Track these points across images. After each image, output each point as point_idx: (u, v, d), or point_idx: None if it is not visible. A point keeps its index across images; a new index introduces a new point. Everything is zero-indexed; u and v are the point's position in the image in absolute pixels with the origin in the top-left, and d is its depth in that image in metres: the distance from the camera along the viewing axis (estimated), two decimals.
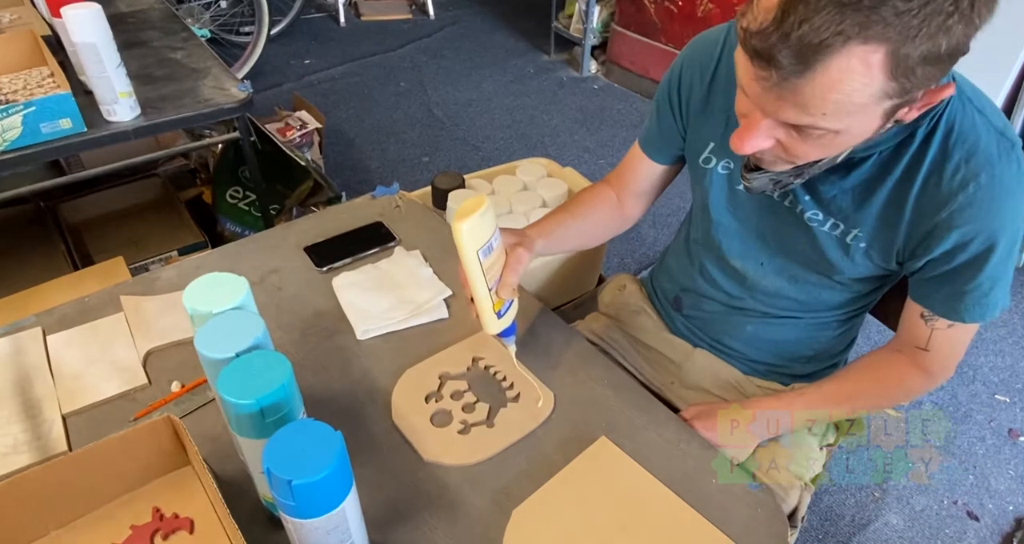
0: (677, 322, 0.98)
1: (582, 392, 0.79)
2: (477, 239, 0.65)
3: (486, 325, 0.70)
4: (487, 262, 0.67)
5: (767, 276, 0.83)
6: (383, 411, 0.76)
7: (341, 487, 0.51)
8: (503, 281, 0.70)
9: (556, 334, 0.87)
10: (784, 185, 0.70)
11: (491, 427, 0.74)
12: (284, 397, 0.53)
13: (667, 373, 0.98)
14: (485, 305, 0.69)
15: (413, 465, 0.71)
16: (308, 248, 0.97)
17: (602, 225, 0.94)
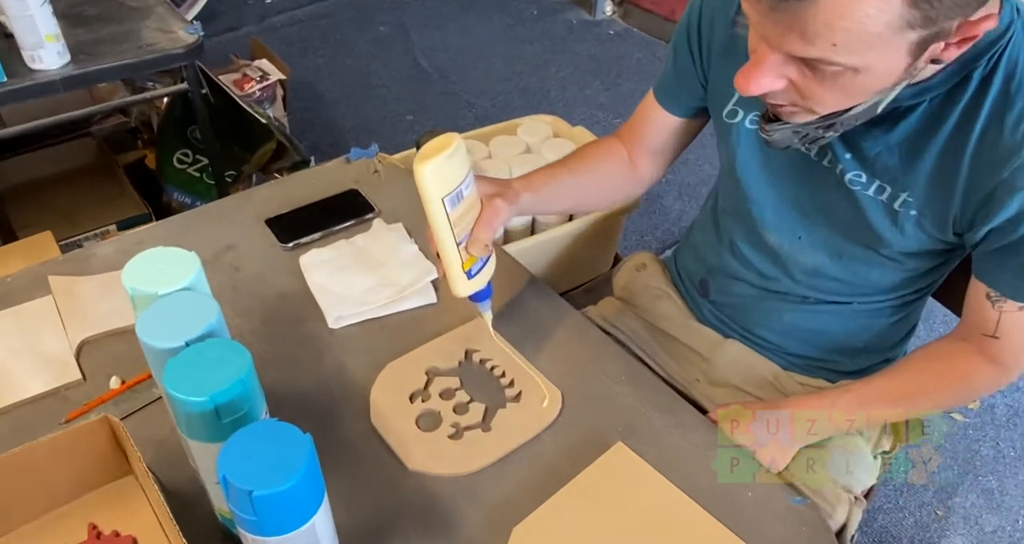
0: (704, 309, 0.98)
1: (594, 390, 0.79)
2: (443, 184, 0.65)
3: (453, 285, 0.71)
4: (456, 212, 0.67)
5: (805, 252, 0.83)
6: (360, 412, 0.76)
7: (311, 500, 0.51)
8: (474, 236, 0.70)
9: (564, 322, 0.87)
10: (813, 139, 0.69)
11: (487, 431, 0.74)
12: (243, 394, 0.53)
13: (693, 368, 0.98)
14: (452, 262, 0.69)
15: (395, 475, 0.71)
16: (271, 221, 0.97)
17: (607, 185, 0.94)
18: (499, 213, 0.73)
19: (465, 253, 0.70)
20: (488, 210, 0.72)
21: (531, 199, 0.82)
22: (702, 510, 0.68)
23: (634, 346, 1.01)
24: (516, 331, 0.85)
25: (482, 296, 0.75)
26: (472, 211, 0.70)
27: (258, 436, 0.50)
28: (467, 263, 0.70)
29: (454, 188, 0.66)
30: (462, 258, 0.69)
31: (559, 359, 0.82)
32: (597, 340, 0.85)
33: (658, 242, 2.00)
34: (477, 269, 0.72)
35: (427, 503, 0.69)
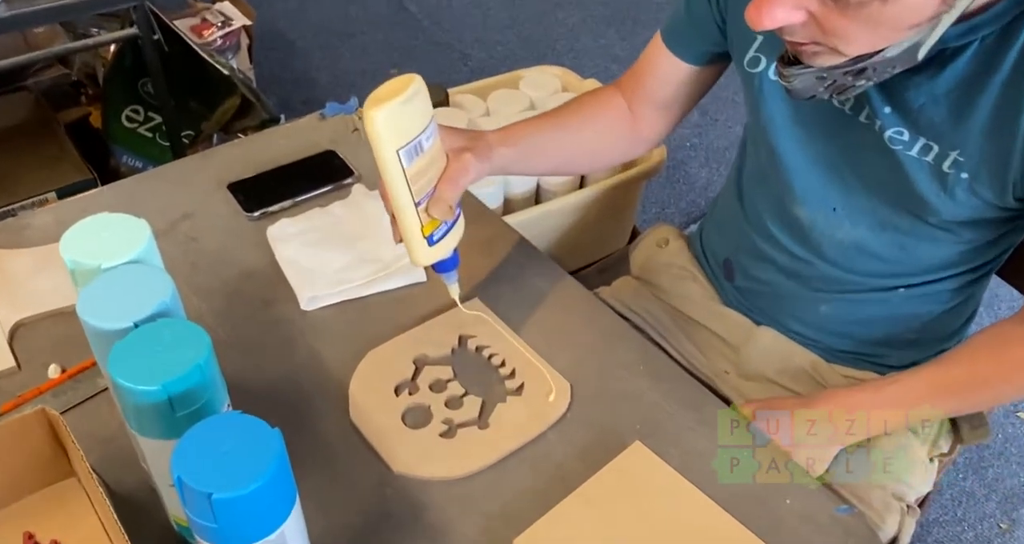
0: (729, 295, 0.99)
1: (609, 382, 0.79)
2: (398, 133, 0.64)
3: (411, 253, 0.71)
4: (415, 167, 0.66)
5: (842, 226, 0.82)
6: (337, 406, 0.76)
7: (280, 505, 0.51)
8: (436, 195, 0.70)
9: (574, 305, 0.87)
10: (842, 88, 0.68)
11: (484, 429, 0.75)
12: (201, 383, 0.53)
13: (721, 358, 0.98)
14: (410, 225, 0.69)
15: (378, 479, 0.71)
16: (234, 186, 0.98)
17: (602, 142, 0.93)
18: (467, 170, 0.72)
19: (426, 215, 0.69)
20: (454, 166, 0.72)
21: (508, 155, 0.81)
22: (733, 520, 0.67)
23: (654, 332, 1.01)
24: (518, 314, 0.85)
25: (447, 266, 0.75)
26: (435, 166, 0.69)
27: (219, 431, 0.50)
28: (428, 227, 0.70)
29: (412, 138, 0.65)
30: (422, 221, 0.69)
31: (568, 347, 0.82)
32: (612, 325, 0.85)
33: (682, 215, 2.00)
34: (440, 234, 0.71)
35: (415, 511, 0.69)
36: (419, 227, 0.69)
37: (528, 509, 0.69)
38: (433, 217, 0.70)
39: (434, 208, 0.70)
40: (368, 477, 0.71)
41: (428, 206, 0.70)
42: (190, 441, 0.49)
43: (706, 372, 0.98)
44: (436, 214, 0.70)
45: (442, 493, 0.70)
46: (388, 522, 0.68)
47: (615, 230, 1.43)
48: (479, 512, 0.69)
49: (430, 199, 0.70)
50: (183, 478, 0.47)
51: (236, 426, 0.50)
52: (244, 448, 0.48)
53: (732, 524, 0.67)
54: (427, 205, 0.69)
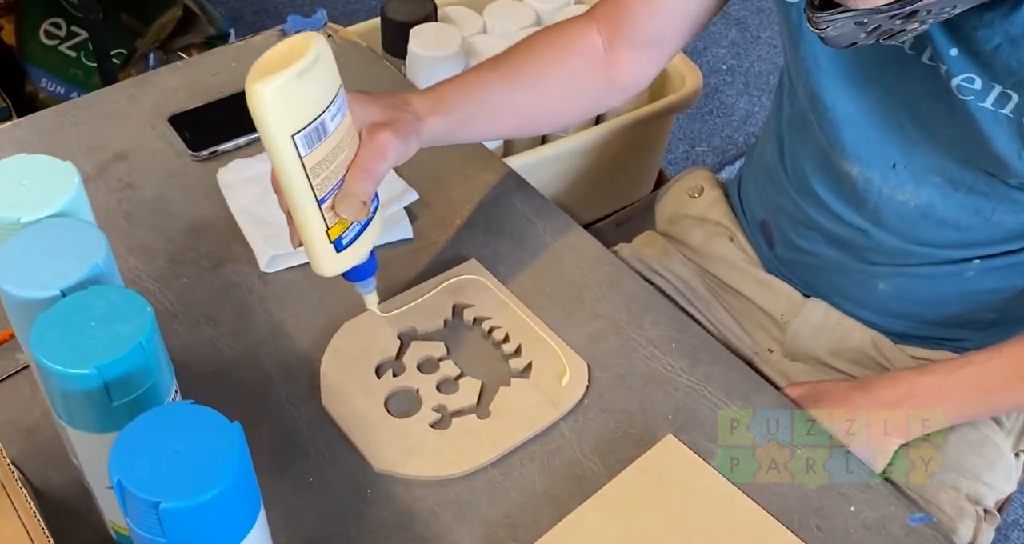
0: (770, 263, 0.99)
1: (634, 362, 0.79)
2: (294, 114, 0.61)
3: (314, 260, 0.68)
4: (316, 155, 0.63)
5: (904, 188, 0.83)
6: (307, 391, 0.76)
7: (241, 515, 0.51)
8: (345, 189, 0.66)
9: (590, 267, 0.87)
10: (889, 33, 0.67)
11: (484, 418, 0.75)
12: (143, 364, 0.52)
13: (763, 334, 0.98)
14: (311, 227, 0.66)
15: (357, 479, 0.71)
16: (177, 119, 0.97)
17: (568, 96, 0.88)
18: (384, 153, 0.68)
19: (332, 215, 0.66)
20: (368, 149, 0.68)
21: (442, 126, 0.77)
22: (787, 532, 0.67)
23: (683, 301, 1.01)
24: (524, 278, 0.85)
25: (361, 273, 0.72)
26: (343, 152, 0.66)
27: (166, 425, 0.49)
28: (335, 229, 0.67)
29: (312, 119, 0.61)
30: (327, 222, 0.66)
31: (585, 318, 0.82)
32: (638, 292, 0.85)
33: (715, 154, 1.99)
34: (352, 236, 0.69)
35: (401, 518, 0.68)
36: (323, 230, 0.66)
37: (537, 516, 0.69)
38: (340, 216, 0.67)
39: (342, 206, 0.66)
40: (345, 477, 0.71)
41: (335, 203, 0.66)
42: (131, 437, 0.48)
43: (746, 350, 0.98)
44: (345, 214, 0.67)
45: (434, 496, 0.70)
46: (369, 532, 0.68)
47: (637, 175, 1.42)
48: (478, 519, 0.69)
49: (337, 194, 0.66)
50: (124, 483, 0.47)
51: (187, 419, 0.49)
52: (198, 446, 0.48)
53: (786, 537, 0.67)
54: (333, 202, 0.66)
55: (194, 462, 0.47)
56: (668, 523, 0.68)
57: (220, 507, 0.48)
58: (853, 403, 0.81)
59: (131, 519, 0.48)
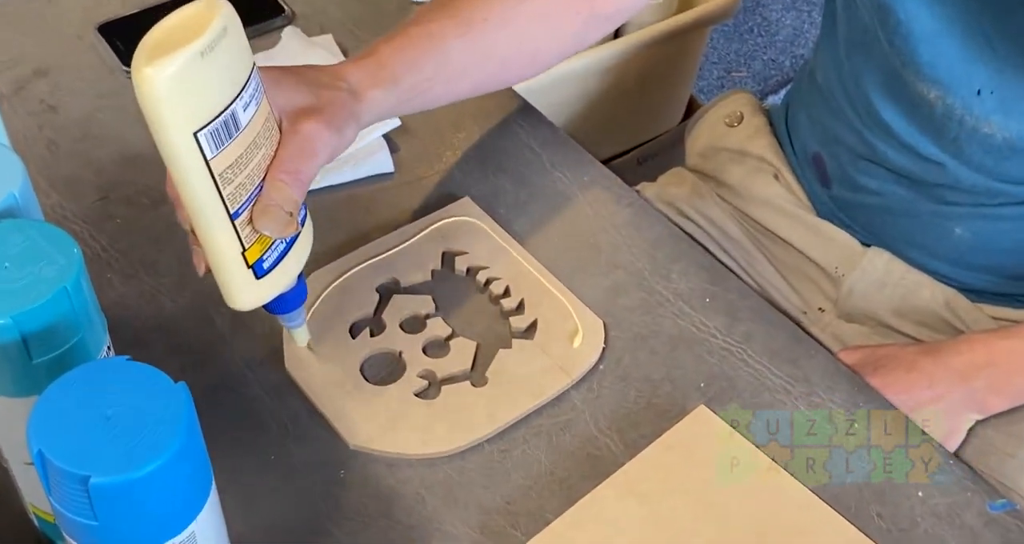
0: (823, 205, 1.00)
1: (659, 320, 0.80)
2: (195, 106, 0.58)
3: (227, 292, 0.65)
4: (226, 157, 0.59)
5: (992, 117, 0.83)
6: (268, 352, 0.76)
7: (188, 494, 0.51)
8: (266, 197, 0.63)
9: (607, 208, 0.87)
10: None
11: (480, 386, 0.75)
12: (68, 314, 0.52)
13: (814, 290, 0.99)
14: (221, 250, 0.63)
15: (329, 457, 0.71)
16: (107, 28, 0.97)
17: (542, 35, 0.85)
18: (313, 150, 0.65)
19: (249, 231, 0.63)
20: (293, 146, 0.65)
21: (388, 100, 0.74)
22: (842, 521, 0.67)
23: (718, 250, 1.01)
24: (528, 221, 0.85)
25: (287, 304, 0.70)
26: (262, 149, 0.63)
27: (96, 385, 0.49)
28: (254, 249, 0.64)
29: (221, 110, 0.58)
30: (243, 242, 0.63)
31: (600, 268, 0.82)
32: (664, 238, 0.85)
33: (757, 83, 2.00)
34: (275, 258, 0.66)
35: (381, 503, 0.68)
36: (239, 252, 0.63)
37: (543, 502, 0.69)
38: (262, 234, 0.64)
39: (262, 220, 0.63)
40: (313, 455, 0.71)
41: (252, 217, 0.63)
42: (55, 400, 0.48)
43: (792, 309, 0.99)
44: (266, 230, 0.63)
45: (419, 478, 0.70)
46: (343, 519, 0.68)
47: (663, 102, 1.42)
48: (473, 505, 0.69)
49: (255, 205, 0.63)
50: (46, 454, 0.46)
51: (121, 378, 0.49)
52: (135, 410, 0.48)
53: (841, 527, 0.67)
54: (250, 215, 0.63)
55: (130, 429, 0.47)
56: (700, 509, 0.68)
57: (162, 483, 0.48)
58: (921, 370, 0.82)
59: (55, 499, 0.48)
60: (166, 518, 0.50)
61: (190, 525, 0.51)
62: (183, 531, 0.51)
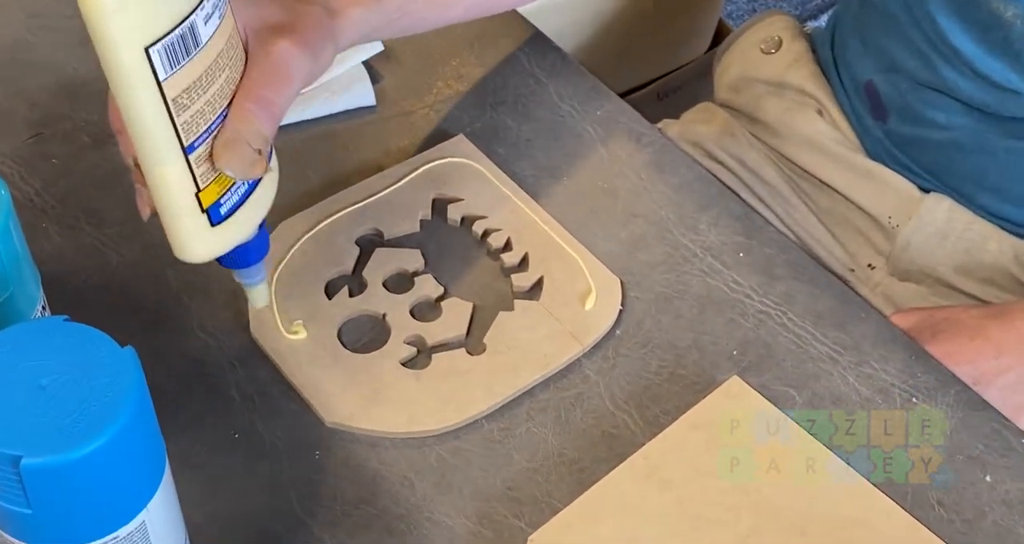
0: (876, 143, 1.00)
1: (685, 278, 0.80)
2: (147, 16, 0.56)
3: (176, 239, 0.64)
4: (181, 78, 0.58)
5: None
6: (230, 315, 0.76)
7: (137, 477, 0.51)
8: (231, 129, 0.62)
9: (625, 149, 0.87)
10: None
11: (478, 354, 0.75)
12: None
13: (863, 244, 1.00)
14: (173, 188, 0.61)
15: (302, 436, 0.71)
16: None
17: None
18: (287, 74, 0.64)
19: (207, 168, 0.62)
20: (263, 70, 0.63)
21: (369, 21, 0.73)
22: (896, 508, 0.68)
23: (751, 196, 1.02)
24: (532, 162, 0.85)
25: (246, 256, 0.69)
26: (224, 72, 0.61)
27: (28, 350, 0.49)
28: (210, 190, 0.62)
29: (177, 23, 0.57)
30: (197, 181, 0.61)
31: (616, 217, 0.83)
32: (689, 182, 0.85)
33: (794, 5, 2.02)
34: (235, 202, 0.65)
35: (362, 490, 0.68)
36: (192, 192, 0.61)
37: (551, 487, 0.69)
38: (222, 173, 0.63)
39: (226, 156, 0.62)
40: (284, 434, 0.71)
41: (213, 151, 0.62)
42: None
43: (837, 265, 0.99)
44: (229, 168, 0.62)
45: (407, 460, 0.70)
46: (318, 507, 0.67)
47: (688, 26, 1.42)
48: (469, 491, 0.69)
49: (217, 138, 0.62)
50: None
51: (59, 341, 0.50)
52: (75, 379, 0.48)
53: (895, 515, 0.67)
54: (210, 149, 0.62)
55: (69, 402, 0.47)
56: (733, 496, 0.68)
57: (106, 466, 0.48)
58: (987, 336, 0.82)
59: None
60: (111, 506, 0.50)
61: (139, 514, 0.51)
62: (131, 521, 0.51)
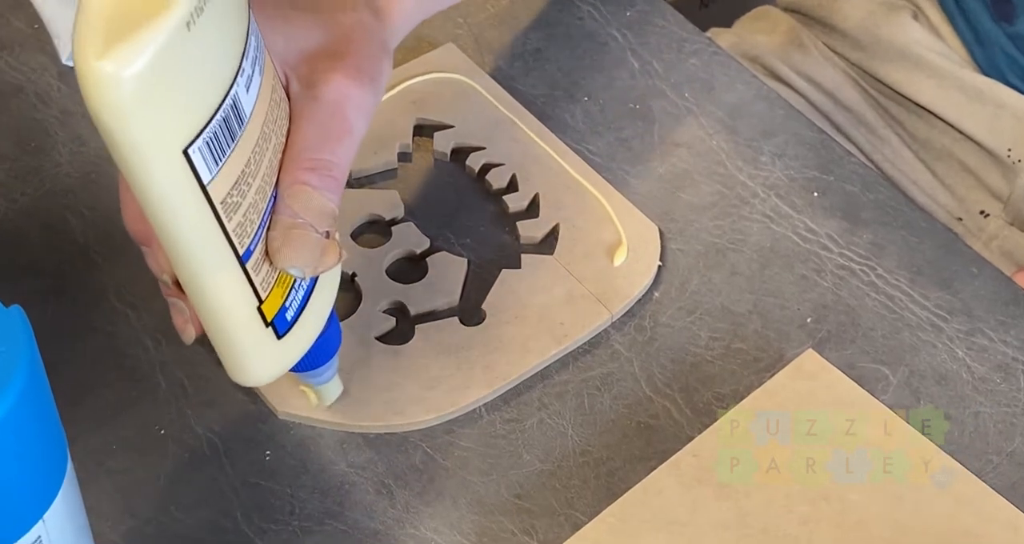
0: (998, 54, 1.02)
1: (744, 225, 0.81)
2: (180, 109, 0.55)
3: (236, 364, 0.65)
4: (228, 173, 0.57)
5: None
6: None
7: (30, 480, 0.52)
8: (282, 216, 0.62)
9: (664, 59, 0.89)
10: None
11: (475, 324, 0.76)
12: None
13: (971, 185, 1.03)
14: (232, 309, 0.62)
15: (248, 430, 0.72)
16: None
17: None
18: (345, 125, 0.63)
19: (266, 272, 0.62)
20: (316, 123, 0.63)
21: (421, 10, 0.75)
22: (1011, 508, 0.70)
23: (827, 124, 1.04)
24: (542, 79, 0.87)
25: (317, 359, 0.70)
26: (271, 140, 0.60)
27: None
28: (273, 297, 0.63)
29: (217, 105, 0.56)
30: (259, 293, 0.62)
31: (653, 147, 0.84)
32: (746, 103, 0.87)
33: None
34: (301, 300, 0.66)
35: (326, 502, 0.69)
36: (253, 306, 0.62)
37: (571, 495, 0.69)
38: (284, 270, 0.63)
39: (286, 253, 0.61)
40: (224, 427, 0.71)
41: (270, 250, 0.61)
42: None
43: (940, 212, 1.02)
44: (294, 265, 0.62)
45: (386, 461, 0.70)
46: (268, 523, 0.68)
47: None
48: (466, 501, 0.69)
49: (271, 230, 0.62)
50: None
51: None
52: None
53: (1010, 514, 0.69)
54: (266, 247, 0.62)
55: None
56: (808, 506, 0.70)
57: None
58: None
59: None
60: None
61: (33, 528, 0.52)
62: (23, 537, 0.52)
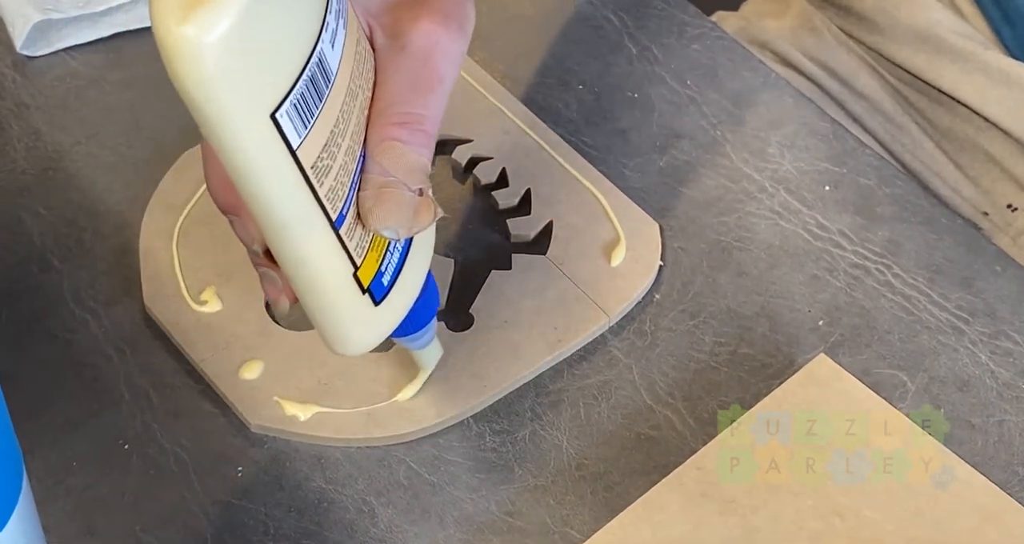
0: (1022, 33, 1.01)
1: (751, 222, 0.81)
2: (267, 73, 0.56)
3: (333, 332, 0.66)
4: (316, 136, 0.58)
5: None
6: (115, 279, 0.78)
7: None
8: (372, 176, 0.63)
9: (664, 43, 0.89)
10: None
11: (462, 330, 0.77)
12: None
13: (997, 177, 1.03)
14: (327, 276, 0.64)
15: (218, 444, 0.72)
16: None
17: None
18: (435, 74, 0.64)
19: (360, 236, 0.63)
20: (403, 74, 0.64)
21: None
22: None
23: (842, 116, 1.04)
24: (531, 63, 0.88)
25: (416, 323, 0.72)
26: (358, 99, 0.62)
27: None
28: (368, 262, 0.64)
29: (302, 65, 0.57)
30: (354, 259, 0.63)
31: (652, 138, 0.84)
32: (754, 90, 0.87)
33: None
34: (396, 263, 0.67)
35: (303, 521, 0.69)
36: (349, 273, 0.63)
37: (567, 511, 0.69)
38: (377, 232, 0.65)
39: (380, 213, 0.62)
40: (192, 441, 0.72)
41: (362, 212, 0.62)
42: None
43: (965, 206, 1.02)
44: (388, 227, 0.62)
45: (367, 476, 0.71)
46: None
47: None
48: (453, 519, 0.69)
49: (361, 191, 0.63)
50: None
51: None
52: None
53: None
54: (357, 211, 0.64)
55: None
56: (819, 521, 0.70)
57: None
58: None
59: None
60: None
61: None
62: None
